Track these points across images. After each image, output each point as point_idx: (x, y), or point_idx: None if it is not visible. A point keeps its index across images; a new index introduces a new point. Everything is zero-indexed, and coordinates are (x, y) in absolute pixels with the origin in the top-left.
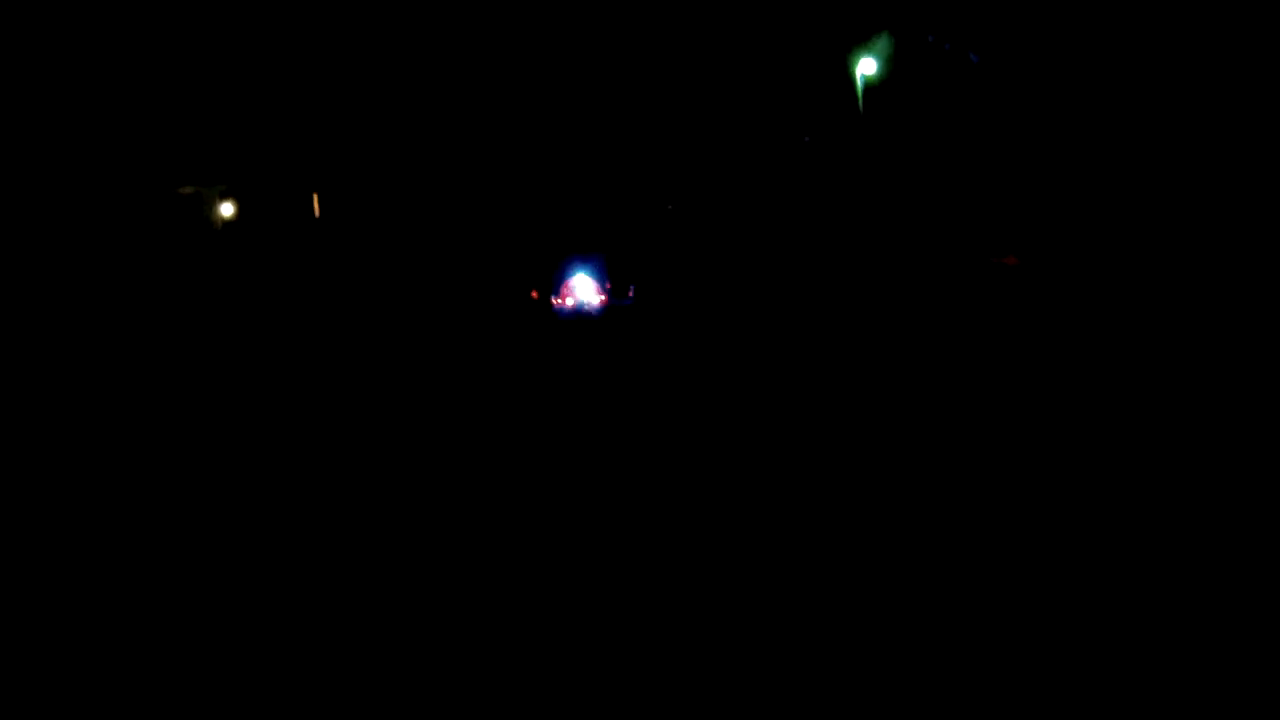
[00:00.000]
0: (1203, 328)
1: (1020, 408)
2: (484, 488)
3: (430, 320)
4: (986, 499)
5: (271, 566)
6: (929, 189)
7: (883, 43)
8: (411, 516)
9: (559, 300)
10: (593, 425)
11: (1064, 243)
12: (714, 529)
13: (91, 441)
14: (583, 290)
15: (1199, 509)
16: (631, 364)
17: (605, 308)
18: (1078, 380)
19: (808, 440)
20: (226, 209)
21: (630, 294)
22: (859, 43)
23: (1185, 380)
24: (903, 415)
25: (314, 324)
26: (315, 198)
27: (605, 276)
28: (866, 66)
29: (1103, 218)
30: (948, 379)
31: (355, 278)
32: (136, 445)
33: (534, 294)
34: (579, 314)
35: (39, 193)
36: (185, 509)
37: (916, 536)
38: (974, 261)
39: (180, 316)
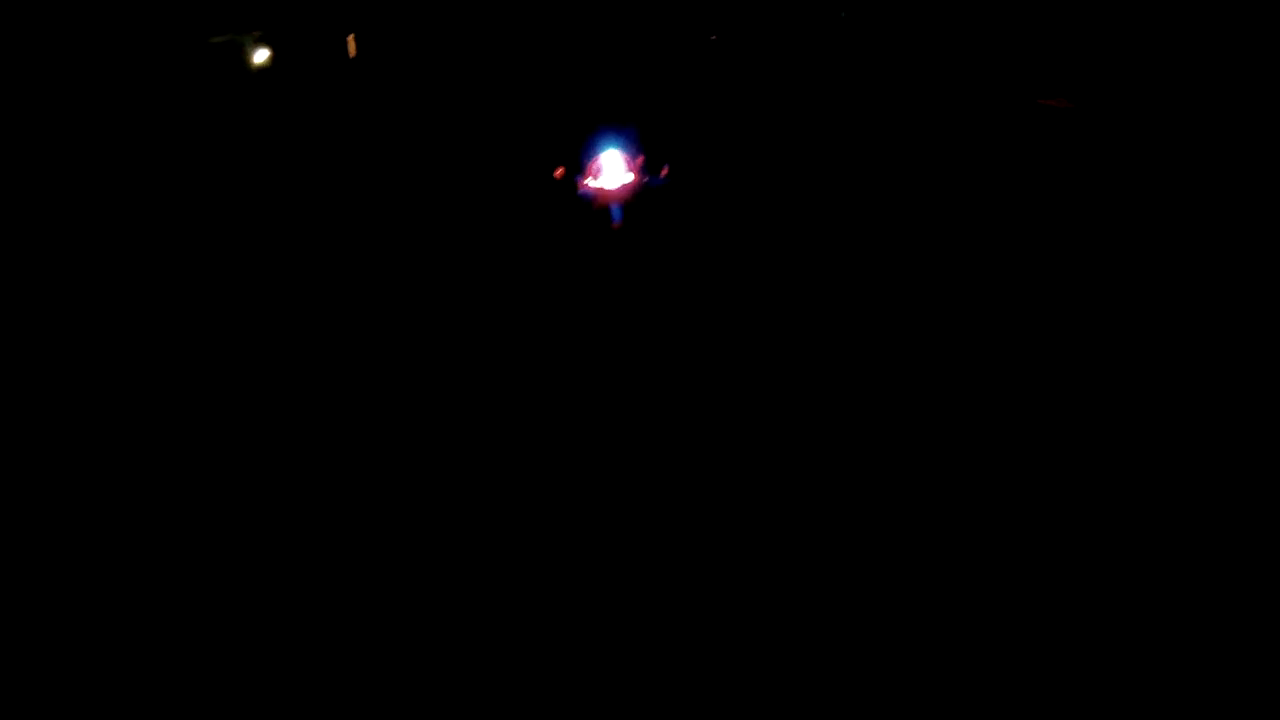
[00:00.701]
0: None
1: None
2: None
3: (450, 197)
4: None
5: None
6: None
7: None
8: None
9: (585, 179)
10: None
11: (1138, 79)
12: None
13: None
14: (612, 168)
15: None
16: (655, 273)
17: (636, 188)
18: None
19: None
20: (260, 56)
21: (664, 173)
22: None
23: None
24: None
25: (343, 182)
26: (351, 39)
27: (638, 152)
28: None
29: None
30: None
31: (384, 127)
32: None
33: (558, 172)
34: (606, 195)
35: (68, 45)
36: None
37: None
38: (1014, 103)
39: (213, 177)
